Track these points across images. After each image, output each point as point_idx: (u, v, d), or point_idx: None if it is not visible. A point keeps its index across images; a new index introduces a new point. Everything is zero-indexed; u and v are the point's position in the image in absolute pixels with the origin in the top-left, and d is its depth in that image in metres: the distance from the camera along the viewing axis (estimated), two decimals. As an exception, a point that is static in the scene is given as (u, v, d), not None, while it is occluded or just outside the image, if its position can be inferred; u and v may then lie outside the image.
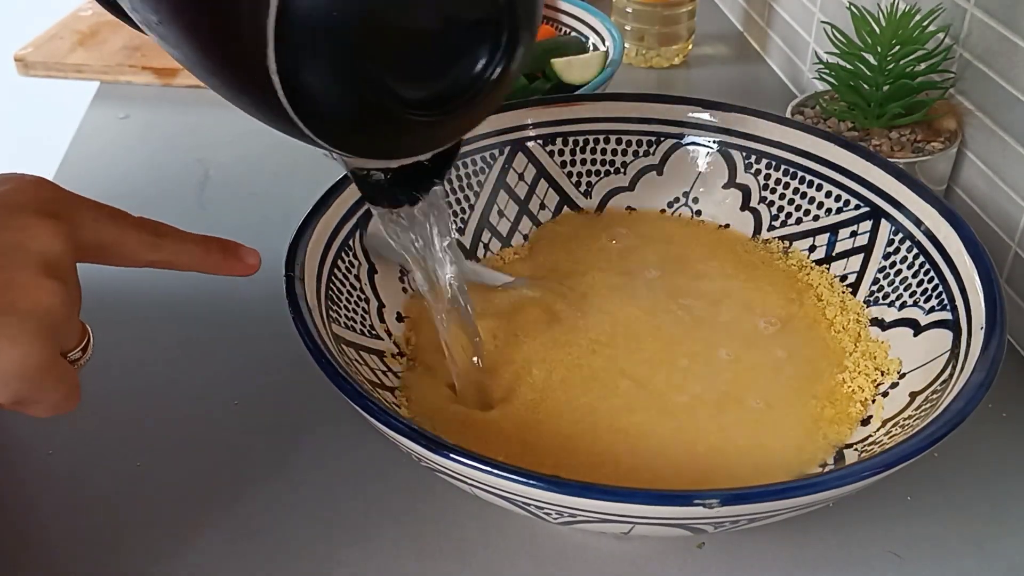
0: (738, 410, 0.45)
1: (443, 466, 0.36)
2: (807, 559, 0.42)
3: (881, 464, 0.35)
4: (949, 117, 0.58)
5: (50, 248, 0.33)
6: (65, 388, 0.33)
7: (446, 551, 0.42)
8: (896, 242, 0.49)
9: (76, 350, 0.35)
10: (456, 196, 0.54)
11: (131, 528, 0.43)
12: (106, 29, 0.88)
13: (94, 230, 0.35)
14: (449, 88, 0.31)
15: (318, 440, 0.47)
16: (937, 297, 0.45)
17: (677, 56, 0.85)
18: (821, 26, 0.73)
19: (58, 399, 0.33)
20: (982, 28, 0.54)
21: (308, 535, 0.43)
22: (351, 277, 0.48)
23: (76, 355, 0.35)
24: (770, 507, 0.34)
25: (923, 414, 0.40)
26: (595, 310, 0.50)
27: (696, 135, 0.56)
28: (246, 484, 0.45)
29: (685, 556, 0.42)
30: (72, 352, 0.35)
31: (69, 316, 0.33)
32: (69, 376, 0.34)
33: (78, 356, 0.35)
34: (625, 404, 0.45)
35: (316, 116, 0.30)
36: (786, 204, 0.54)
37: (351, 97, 0.29)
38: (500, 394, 0.46)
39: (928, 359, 0.44)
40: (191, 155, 0.71)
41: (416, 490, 0.45)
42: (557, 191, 0.57)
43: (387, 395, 0.43)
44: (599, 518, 0.35)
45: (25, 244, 0.32)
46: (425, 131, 0.32)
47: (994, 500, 0.44)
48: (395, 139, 0.33)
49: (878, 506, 0.44)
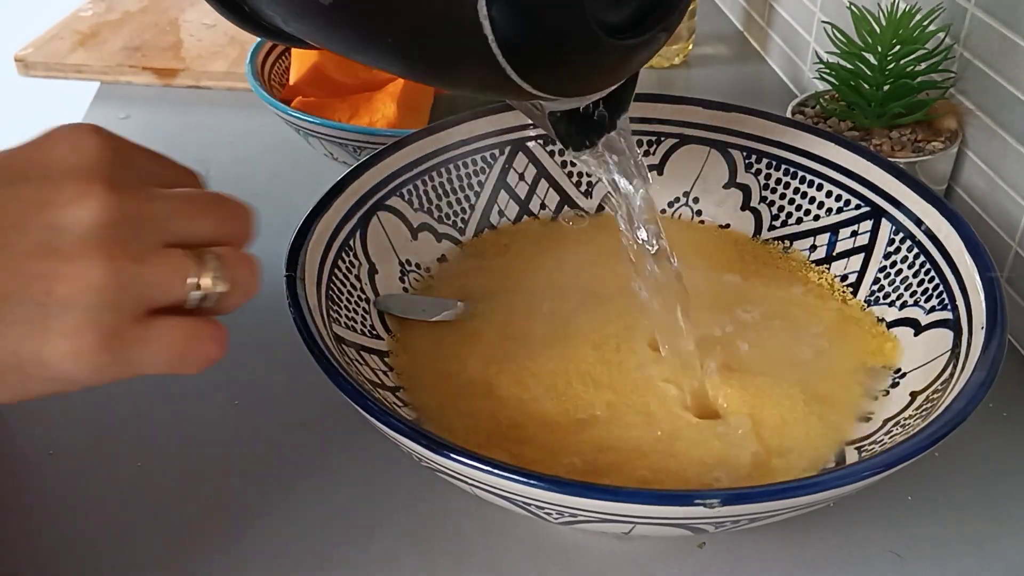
0: (736, 409, 0.45)
1: (443, 466, 0.36)
2: (808, 559, 0.42)
3: (881, 464, 0.35)
4: (949, 117, 0.58)
5: (87, 218, 0.29)
6: (174, 346, 0.30)
7: (446, 551, 0.42)
8: (897, 242, 0.49)
9: (192, 294, 0.30)
10: (457, 196, 0.55)
11: (131, 528, 0.43)
12: (106, 29, 0.88)
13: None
14: (645, 6, 0.33)
15: (319, 440, 0.47)
16: (938, 297, 0.45)
17: (677, 56, 0.85)
18: (821, 26, 0.73)
19: (177, 358, 0.30)
20: (983, 28, 0.54)
21: (309, 535, 0.43)
22: (352, 277, 0.48)
23: (195, 297, 0.31)
24: (771, 507, 0.34)
25: (924, 414, 0.40)
26: (595, 309, 0.50)
27: (696, 135, 0.56)
28: (246, 484, 0.45)
29: (686, 556, 0.42)
30: (187, 300, 0.30)
31: (130, 282, 0.29)
32: (169, 333, 0.30)
33: (198, 297, 0.31)
34: (625, 403, 0.45)
35: (525, 55, 0.30)
36: (786, 204, 0.54)
37: (561, 26, 0.30)
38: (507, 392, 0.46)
39: (929, 359, 0.44)
40: (191, 155, 0.71)
41: (417, 490, 0.45)
42: (558, 191, 0.57)
43: (387, 395, 0.43)
44: (600, 518, 0.35)
45: (57, 218, 0.29)
46: (621, 59, 0.34)
47: (995, 500, 0.44)
48: (596, 69, 0.34)
49: (879, 506, 0.44)
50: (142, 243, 0.29)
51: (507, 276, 0.52)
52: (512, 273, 0.53)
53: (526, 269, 0.53)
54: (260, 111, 0.65)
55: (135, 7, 0.94)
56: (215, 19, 0.89)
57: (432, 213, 0.54)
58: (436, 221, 0.54)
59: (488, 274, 0.53)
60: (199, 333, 0.31)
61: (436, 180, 0.54)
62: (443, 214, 0.54)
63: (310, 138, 0.63)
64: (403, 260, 0.52)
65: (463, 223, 0.55)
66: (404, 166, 0.52)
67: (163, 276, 0.30)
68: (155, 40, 0.87)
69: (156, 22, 0.90)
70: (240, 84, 0.80)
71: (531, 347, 0.47)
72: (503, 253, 0.55)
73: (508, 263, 0.54)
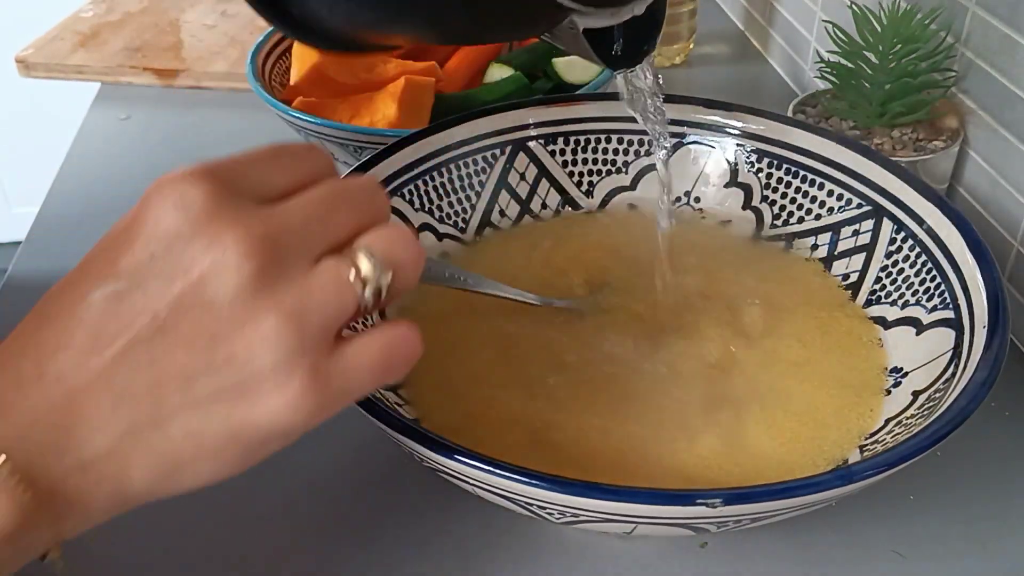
0: (739, 409, 0.45)
1: (445, 466, 0.36)
2: (810, 558, 0.42)
3: (884, 463, 0.35)
4: (951, 116, 0.58)
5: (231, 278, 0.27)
6: (376, 363, 0.30)
7: (448, 551, 0.42)
8: (898, 241, 0.49)
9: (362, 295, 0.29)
10: (458, 196, 0.54)
11: (132, 528, 0.43)
12: (107, 30, 0.88)
13: None
14: None
15: (319, 440, 0.47)
16: (939, 296, 0.45)
17: (678, 56, 0.85)
18: (822, 25, 0.73)
19: (383, 372, 0.30)
20: (984, 26, 0.54)
21: (309, 535, 0.43)
22: (352, 277, 0.48)
23: (368, 295, 0.29)
24: (773, 506, 0.34)
25: (925, 413, 0.39)
26: (596, 307, 0.50)
27: (697, 134, 0.56)
28: (247, 484, 0.45)
29: (688, 556, 0.42)
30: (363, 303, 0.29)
31: (303, 317, 0.28)
32: (366, 353, 0.29)
33: (371, 294, 0.29)
34: (628, 405, 0.45)
35: None
36: (788, 203, 0.54)
37: None
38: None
39: (930, 358, 0.44)
40: (192, 155, 0.71)
41: (418, 490, 0.44)
42: (559, 191, 0.57)
43: (389, 394, 0.43)
44: (602, 518, 0.35)
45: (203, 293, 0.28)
46: None
47: (997, 499, 0.44)
48: None
49: (881, 505, 0.44)
50: (295, 272, 0.28)
51: (506, 275, 0.52)
52: (511, 272, 0.53)
53: (525, 268, 0.53)
54: (261, 112, 0.65)
55: (136, 8, 0.94)
56: (215, 20, 0.90)
57: (433, 213, 0.54)
58: (437, 221, 0.54)
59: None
60: (393, 340, 0.30)
61: (437, 180, 0.54)
62: (444, 214, 0.54)
63: (311, 138, 0.63)
64: (404, 260, 0.52)
65: (464, 223, 0.55)
66: (405, 166, 0.52)
67: (328, 293, 0.29)
68: (156, 41, 0.87)
69: (156, 23, 0.90)
70: (241, 85, 0.80)
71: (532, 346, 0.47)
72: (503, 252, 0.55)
73: (508, 261, 0.54)
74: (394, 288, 0.30)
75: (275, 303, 0.28)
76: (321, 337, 0.28)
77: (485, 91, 0.69)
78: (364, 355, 0.29)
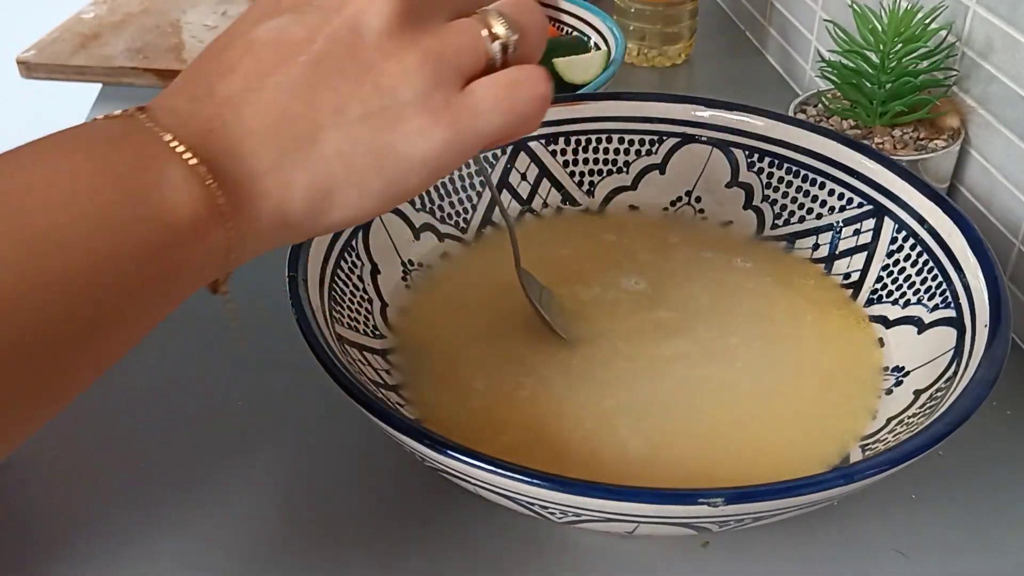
0: (740, 409, 0.45)
1: (446, 466, 0.36)
2: (812, 557, 0.42)
3: (885, 462, 0.35)
4: (952, 115, 0.58)
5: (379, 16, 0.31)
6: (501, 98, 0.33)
7: (449, 551, 0.42)
8: (899, 240, 0.49)
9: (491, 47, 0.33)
10: (459, 196, 0.54)
11: (133, 528, 0.43)
12: (108, 31, 0.88)
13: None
14: None
15: (322, 440, 0.47)
16: (941, 295, 0.45)
17: (679, 55, 0.85)
18: (823, 24, 0.73)
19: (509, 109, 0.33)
20: (985, 25, 0.54)
21: (311, 535, 0.43)
22: (354, 278, 0.48)
23: (496, 49, 0.33)
24: (774, 506, 0.34)
25: (927, 412, 0.39)
26: (597, 307, 0.50)
27: (698, 134, 0.56)
28: (249, 485, 0.45)
29: (689, 555, 0.42)
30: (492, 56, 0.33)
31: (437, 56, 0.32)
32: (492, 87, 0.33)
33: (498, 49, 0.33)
34: (629, 404, 0.45)
35: None
36: (789, 203, 0.54)
37: None
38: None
39: (932, 357, 0.44)
40: (193, 156, 0.71)
41: (420, 490, 0.45)
42: (559, 190, 0.57)
43: (391, 395, 0.43)
44: (604, 517, 0.35)
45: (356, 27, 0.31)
46: None
47: (999, 498, 0.44)
48: None
49: (882, 504, 0.44)
50: (433, 22, 0.32)
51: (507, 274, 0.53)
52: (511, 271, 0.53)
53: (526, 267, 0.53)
54: (262, 112, 0.65)
55: (136, 9, 0.94)
56: (216, 20, 0.90)
57: (434, 213, 0.54)
58: (438, 221, 0.54)
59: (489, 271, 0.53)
60: (517, 77, 0.33)
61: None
62: (445, 214, 0.54)
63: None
64: (405, 260, 0.52)
65: (465, 223, 0.55)
66: (406, 166, 0.52)
67: (461, 40, 0.32)
68: (157, 42, 0.87)
69: (158, 24, 0.90)
70: (242, 85, 0.79)
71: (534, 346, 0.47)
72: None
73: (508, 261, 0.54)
74: (523, 50, 0.34)
75: (416, 42, 0.32)
76: (455, 76, 0.32)
77: (486, 91, 0.69)
78: (490, 92, 0.33)
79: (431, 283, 0.52)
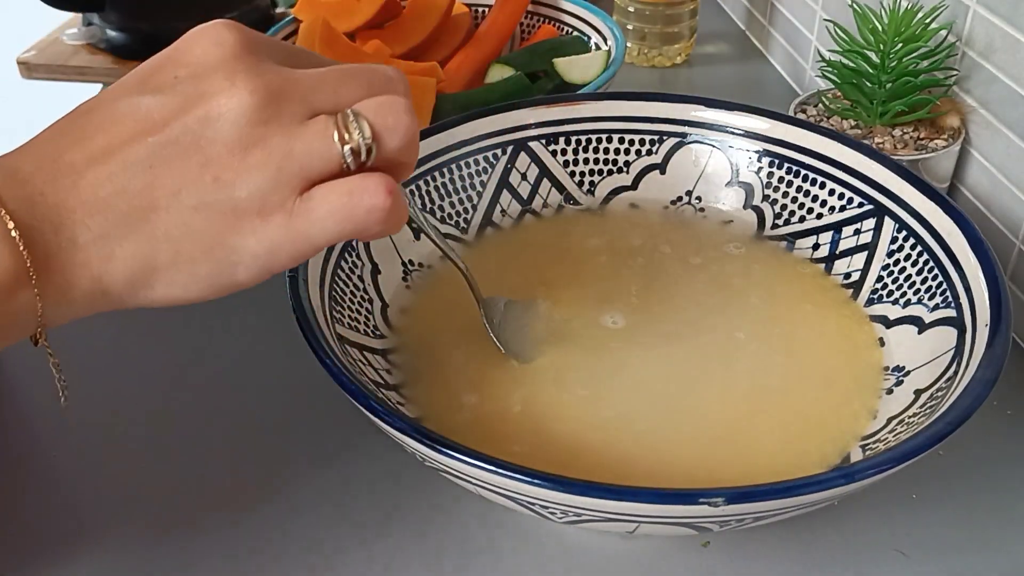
0: (739, 408, 0.45)
1: (447, 465, 0.36)
2: (812, 557, 0.42)
3: (886, 462, 0.35)
4: (952, 114, 0.58)
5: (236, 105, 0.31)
6: (338, 207, 0.32)
7: (450, 551, 0.42)
8: (900, 240, 0.49)
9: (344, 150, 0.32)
10: (459, 196, 0.55)
11: (134, 528, 0.43)
12: (108, 31, 0.88)
13: None
14: None
15: (322, 440, 0.47)
16: (941, 295, 0.45)
17: (679, 55, 0.85)
18: (823, 24, 0.73)
19: (345, 218, 0.32)
20: (985, 25, 0.54)
21: (312, 535, 0.43)
22: (354, 278, 0.48)
23: (348, 153, 0.32)
24: (775, 505, 0.34)
25: (927, 412, 0.39)
26: (595, 307, 0.50)
27: (699, 134, 0.56)
28: (250, 485, 0.45)
29: (690, 555, 0.42)
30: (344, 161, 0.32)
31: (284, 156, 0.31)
32: (329, 194, 0.32)
33: (350, 153, 0.32)
34: (629, 403, 0.45)
35: None
36: (789, 202, 0.54)
37: None
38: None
39: (932, 357, 0.44)
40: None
41: (420, 489, 0.45)
42: (560, 190, 0.57)
43: (391, 395, 0.43)
44: (604, 517, 0.35)
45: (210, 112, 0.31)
46: None
47: (999, 498, 0.44)
48: None
49: (883, 504, 0.44)
50: (290, 120, 0.32)
51: (508, 273, 0.53)
52: (512, 271, 0.53)
53: (526, 267, 0.53)
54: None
55: (137, 9, 0.94)
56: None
57: (435, 213, 0.54)
58: (439, 221, 0.54)
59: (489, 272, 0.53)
60: (357, 186, 0.32)
61: (438, 180, 0.54)
62: (446, 214, 0.54)
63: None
64: (406, 260, 0.52)
65: (466, 223, 0.55)
66: (406, 166, 0.52)
67: (312, 144, 0.32)
68: (157, 42, 0.87)
69: (158, 24, 0.90)
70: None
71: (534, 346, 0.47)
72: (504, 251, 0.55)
73: (509, 261, 0.54)
74: (382, 153, 0.33)
75: (265, 140, 0.31)
76: (297, 178, 0.32)
77: (486, 91, 0.69)
78: (327, 199, 0.32)
79: (431, 283, 0.52)
